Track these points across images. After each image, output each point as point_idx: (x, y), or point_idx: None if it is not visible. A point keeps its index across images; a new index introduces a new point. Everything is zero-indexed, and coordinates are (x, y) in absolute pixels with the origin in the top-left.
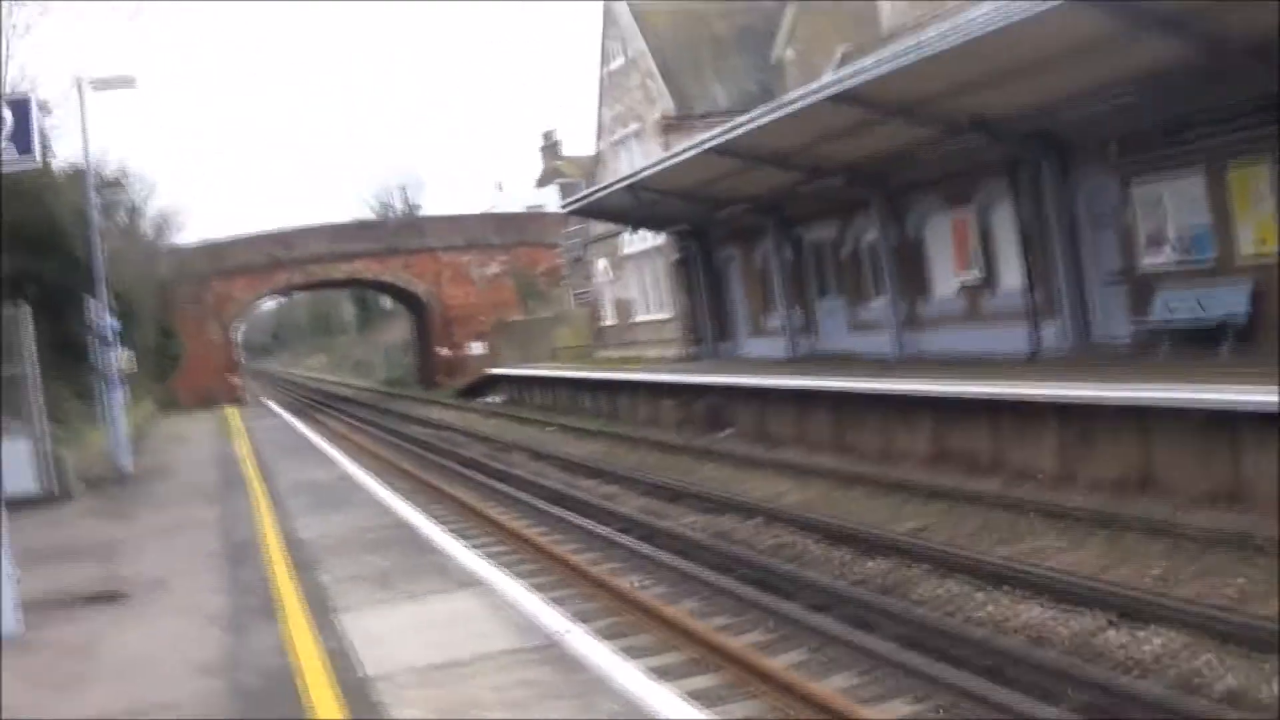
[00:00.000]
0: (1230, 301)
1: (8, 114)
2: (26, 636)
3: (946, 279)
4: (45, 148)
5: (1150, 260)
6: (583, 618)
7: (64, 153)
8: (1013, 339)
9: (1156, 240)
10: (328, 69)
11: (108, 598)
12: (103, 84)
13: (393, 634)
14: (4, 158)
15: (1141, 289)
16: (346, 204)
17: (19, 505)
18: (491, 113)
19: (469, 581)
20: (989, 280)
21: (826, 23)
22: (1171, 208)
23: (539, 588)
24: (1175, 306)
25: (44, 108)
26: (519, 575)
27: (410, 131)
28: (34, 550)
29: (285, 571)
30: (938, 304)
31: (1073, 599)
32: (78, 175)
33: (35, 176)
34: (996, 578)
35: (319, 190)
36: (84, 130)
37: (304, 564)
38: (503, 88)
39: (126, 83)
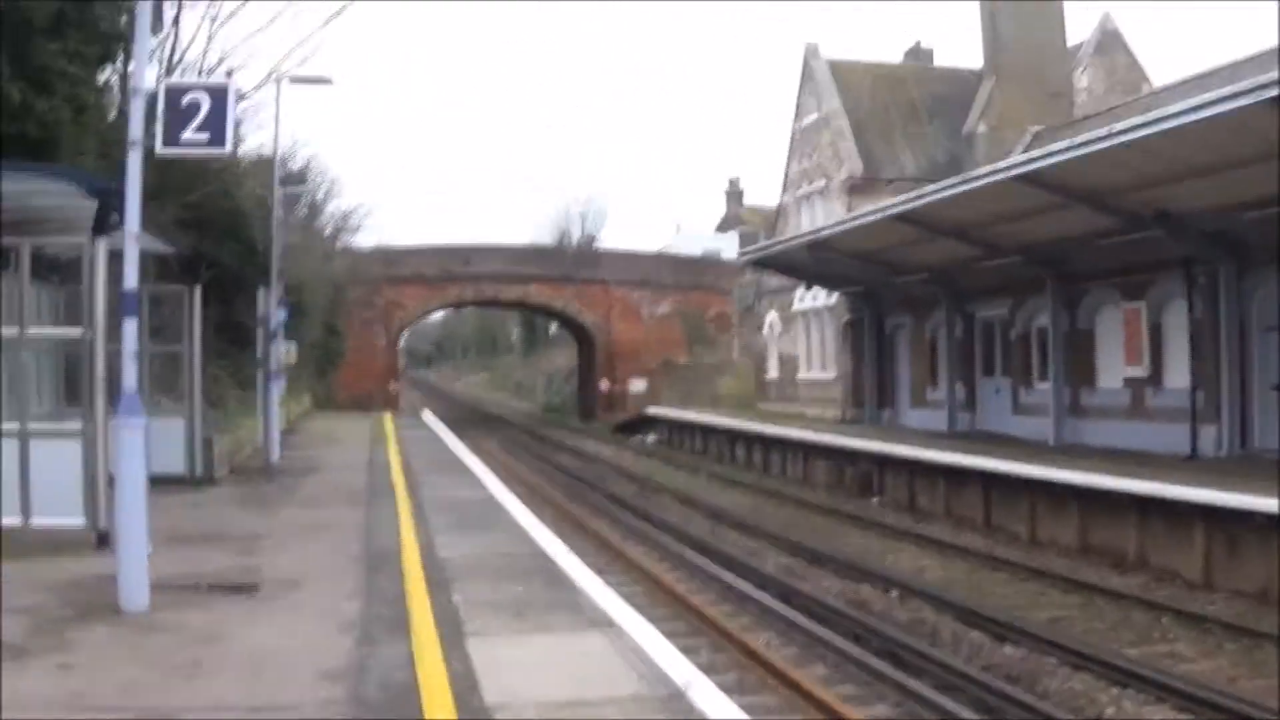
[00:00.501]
0: None
1: (204, 99)
2: (151, 616)
3: (1113, 371)
4: (236, 137)
5: None
6: (711, 669)
7: (254, 141)
8: (1172, 438)
9: None
10: (521, 88)
11: (239, 588)
12: (299, 79)
13: (519, 665)
14: (196, 143)
15: None
16: (521, 224)
17: (162, 484)
18: (679, 151)
19: (602, 620)
20: (1155, 377)
21: (1021, 99)
22: None
23: (671, 634)
24: None
25: (240, 95)
26: (653, 619)
27: (595, 161)
28: (170, 531)
29: (421, 586)
30: (1102, 395)
31: (1200, 707)
32: (264, 165)
33: (221, 161)
34: (1126, 677)
35: (495, 207)
36: (276, 123)
37: (440, 581)
38: (694, 128)
39: (323, 80)
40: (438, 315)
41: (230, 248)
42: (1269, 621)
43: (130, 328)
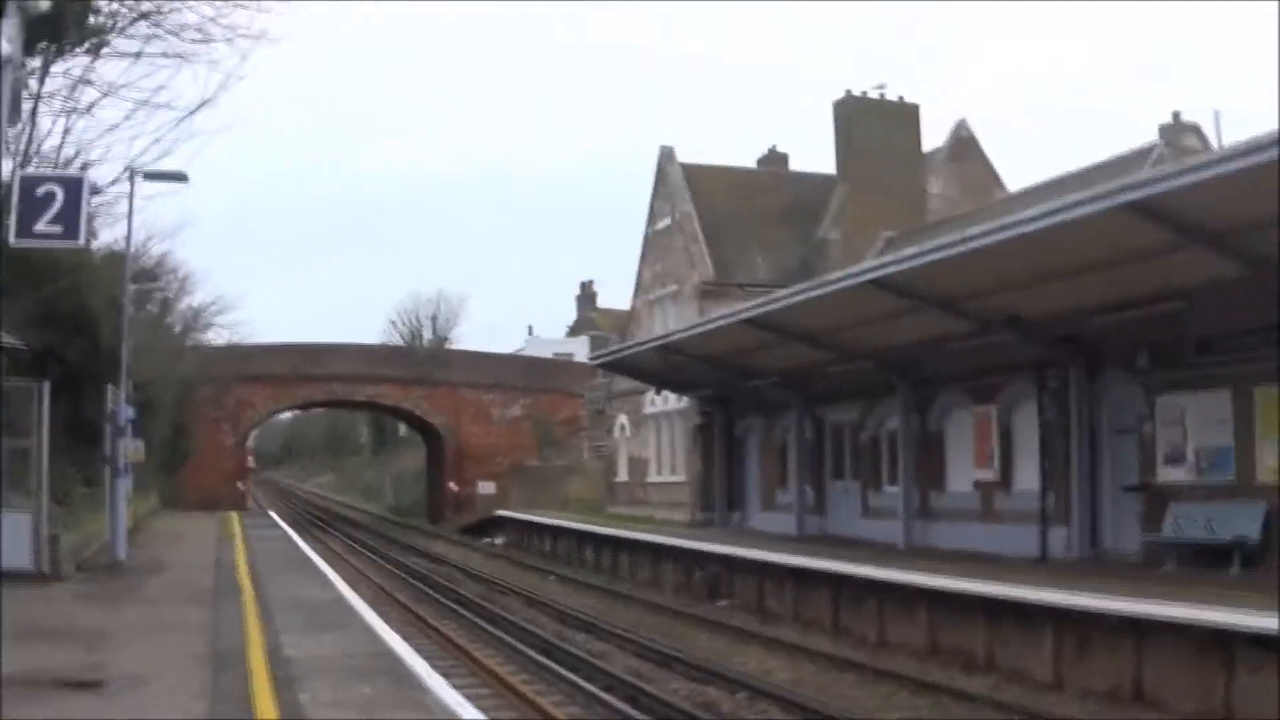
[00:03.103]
0: (1243, 523)
1: (58, 191)
2: None
3: (963, 474)
4: (90, 231)
5: (1167, 475)
6: None
7: (107, 237)
8: (1022, 540)
9: (1175, 455)
10: (377, 181)
11: (85, 685)
12: (154, 175)
13: None
14: (50, 235)
15: (1155, 503)
16: (372, 322)
17: (8, 579)
18: (532, 254)
19: None
20: (1004, 479)
21: (873, 206)
22: (1194, 424)
23: None
24: (1185, 523)
25: (94, 190)
26: None
27: (448, 263)
28: (16, 626)
29: (267, 685)
30: (952, 497)
31: None
32: (115, 261)
33: (73, 257)
34: None
35: (349, 304)
36: (130, 219)
37: (286, 680)
38: (547, 230)
39: (178, 177)
40: (286, 415)
41: (80, 344)
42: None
43: None
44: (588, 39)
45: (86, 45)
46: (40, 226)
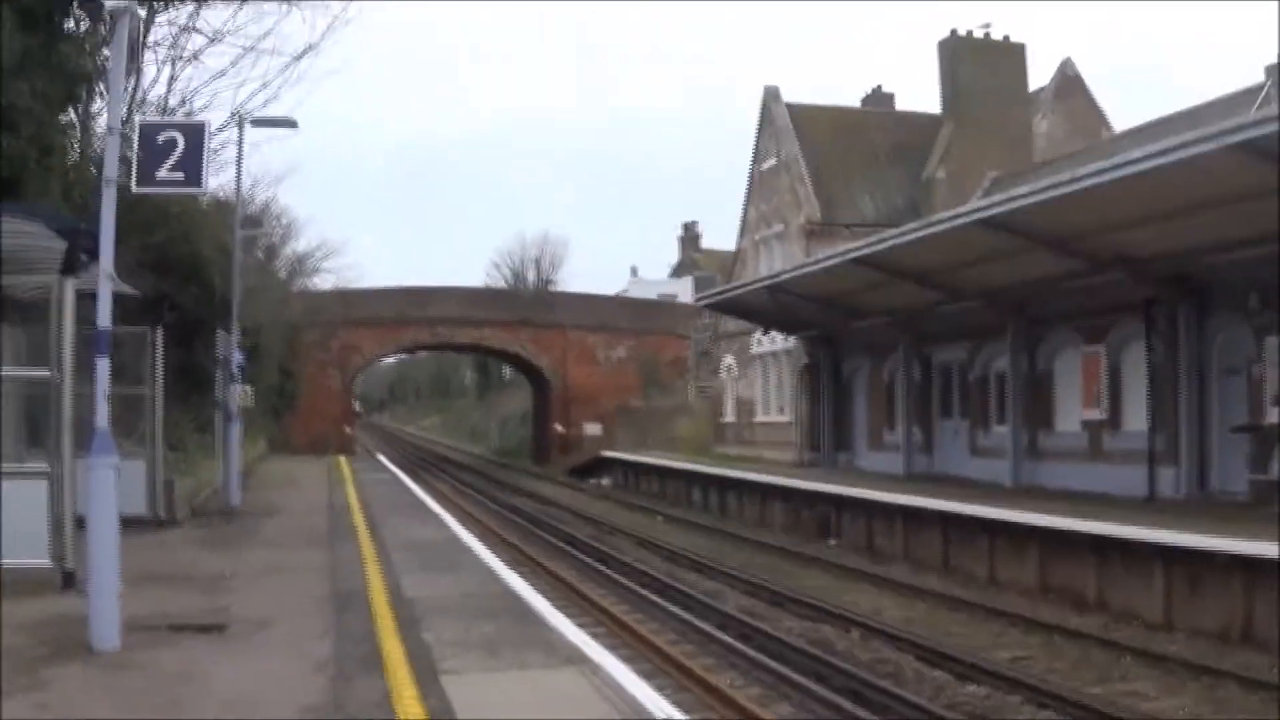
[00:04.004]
0: None
1: (179, 138)
2: (124, 655)
3: (1071, 413)
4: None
5: (1276, 416)
6: (680, 709)
7: (212, 183)
8: (1130, 480)
9: None
10: (481, 126)
11: (209, 628)
12: (262, 122)
13: (495, 701)
14: (171, 182)
15: (1264, 443)
16: (475, 267)
17: (125, 525)
18: (635, 194)
19: (575, 658)
20: (1113, 419)
21: (980, 145)
22: None
23: (638, 674)
24: None
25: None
26: (617, 659)
27: (552, 204)
28: (136, 571)
29: (390, 625)
30: (1060, 437)
31: None
32: (222, 207)
33: (181, 204)
34: (1090, 715)
35: (452, 247)
36: (239, 165)
37: (409, 620)
38: (650, 171)
39: (287, 123)
40: (391, 359)
41: (190, 291)
42: (1231, 660)
43: (103, 367)
44: None
45: None
46: (162, 174)
